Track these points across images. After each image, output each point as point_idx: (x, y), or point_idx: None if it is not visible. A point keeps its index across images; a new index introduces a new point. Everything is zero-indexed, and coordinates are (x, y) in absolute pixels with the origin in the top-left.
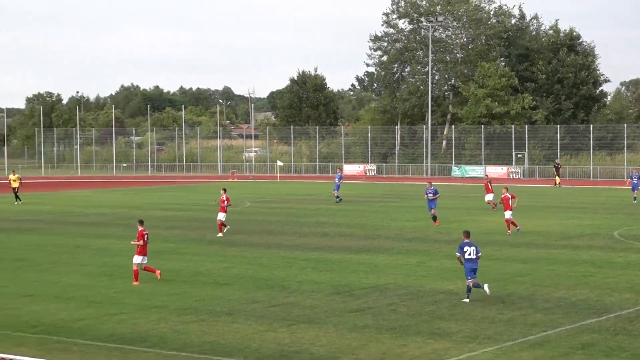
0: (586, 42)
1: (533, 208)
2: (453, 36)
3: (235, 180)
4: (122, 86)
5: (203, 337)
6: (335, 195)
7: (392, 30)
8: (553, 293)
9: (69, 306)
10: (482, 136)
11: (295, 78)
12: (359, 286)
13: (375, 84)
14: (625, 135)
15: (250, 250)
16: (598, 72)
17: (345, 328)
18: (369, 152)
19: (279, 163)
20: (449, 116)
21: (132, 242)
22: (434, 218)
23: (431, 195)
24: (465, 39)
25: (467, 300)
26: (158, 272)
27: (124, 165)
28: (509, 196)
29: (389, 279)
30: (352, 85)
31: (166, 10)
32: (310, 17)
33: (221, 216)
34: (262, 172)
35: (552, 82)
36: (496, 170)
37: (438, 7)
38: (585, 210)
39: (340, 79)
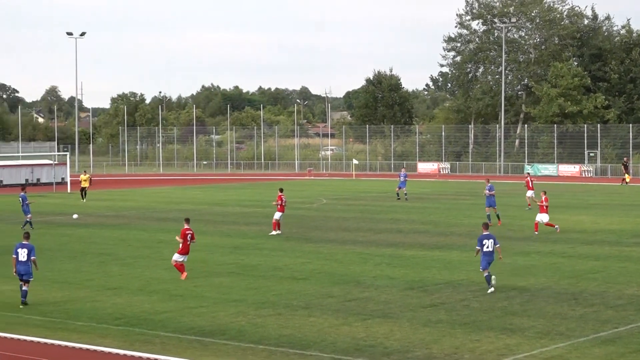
0: None
1: (605, 206)
2: (526, 37)
3: (312, 177)
4: (203, 86)
5: (280, 330)
6: (404, 192)
7: (465, 31)
8: (625, 290)
9: (151, 299)
10: (555, 135)
11: (371, 78)
12: (432, 282)
13: (449, 84)
14: None
15: (326, 246)
16: None
17: (418, 323)
18: (443, 151)
19: (355, 161)
20: (521, 115)
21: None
22: (497, 216)
23: (487, 191)
24: (538, 40)
25: (492, 289)
26: (184, 274)
27: (204, 163)
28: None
29: (462, 275)
30: (427, 85)
31: (246, 12)
32: (386, 18)
33: (277, 215)
34: (338, 170)
35: (624, 82)
36: (568, 169)
37: (511, 8)
38: None
39: (414, 79)
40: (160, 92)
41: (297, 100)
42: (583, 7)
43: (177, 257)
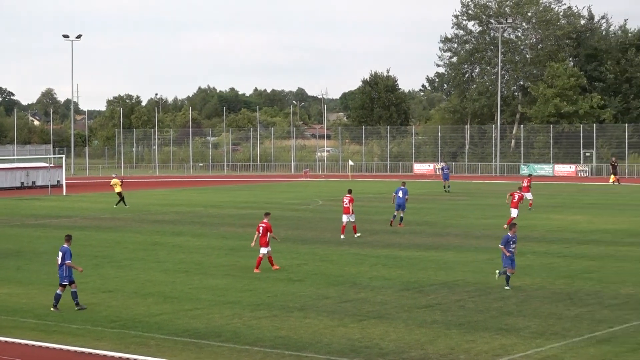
0: None
1: (601, 206)
2: (522, 37)
3: (308, 179)
4: (199, 88)
5: (275, 332)
6: (447, 185)
7: (461, 31)
8: (620, 290)
9: (146, 301)
10: (551, 135)
11: (367, 79)
12: (428, 282)
13: (445, 85)
14: None
15: (322, 248)
16: None
17: (414, 323)
18: (439, 151)
19: (351, 162)
20: (518, 116)
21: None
22: (401, 219)
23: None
24: (534, 40)
25: (508, 287)
26: (275, 266)
27: (200, 165)
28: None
29: (458, 275)
30: (423, 85)
31: (241, 13)
32: (382, 19)
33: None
34: (334, 171)
35: (620, 82)
36: (564, 169)
37: (507, 9)
38: None
39: (411, 79)
40: (156, 94)
41: (294, 101)
42: (580, 8)
43: (261, 250)
